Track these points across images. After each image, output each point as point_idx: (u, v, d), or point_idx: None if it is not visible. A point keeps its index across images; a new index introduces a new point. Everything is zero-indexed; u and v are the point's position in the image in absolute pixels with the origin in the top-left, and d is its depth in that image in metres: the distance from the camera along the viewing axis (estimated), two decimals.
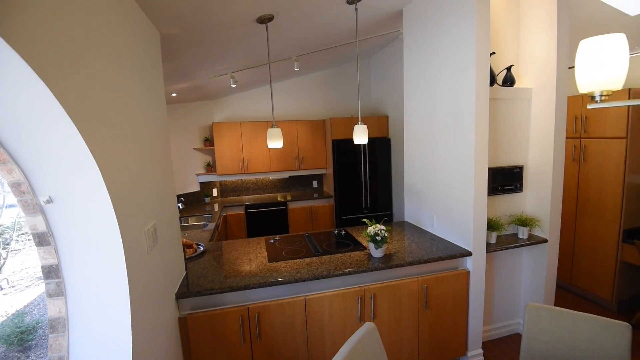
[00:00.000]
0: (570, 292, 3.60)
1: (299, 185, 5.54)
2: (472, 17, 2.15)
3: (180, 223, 4.04)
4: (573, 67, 1.40)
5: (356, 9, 2.54)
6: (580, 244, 3.37)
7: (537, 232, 2.67)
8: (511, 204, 2.73)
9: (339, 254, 2.41)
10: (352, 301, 2.16)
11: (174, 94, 4.21)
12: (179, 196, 4.59)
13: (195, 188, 4.95)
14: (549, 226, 2.59)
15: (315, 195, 5.13)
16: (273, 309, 2.04)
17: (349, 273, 2.13)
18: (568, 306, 3.33)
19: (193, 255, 2.54)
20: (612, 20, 3.02)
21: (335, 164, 4.77)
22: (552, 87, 2.49)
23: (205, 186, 5.05)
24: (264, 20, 2.39)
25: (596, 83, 0.90)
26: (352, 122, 4.78)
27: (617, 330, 1.47)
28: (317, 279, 2.08)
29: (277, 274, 2.10)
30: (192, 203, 4.88)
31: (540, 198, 2.62)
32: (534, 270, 2.72)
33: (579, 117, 3.29)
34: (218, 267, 2.29)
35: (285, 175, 5.32)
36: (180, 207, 4.21)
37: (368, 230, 2.33)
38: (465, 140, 2.31)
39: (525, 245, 2.56)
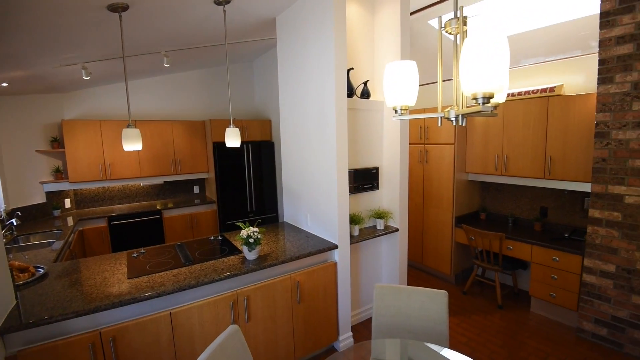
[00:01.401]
0: (422, 271, 4.33)
1: (178, 191, 5.14)
2: (331, 34, 2.39)
3: (17, 243, 3.29)
4: None
5: (224, 10, 2.52)
6: (428, 230, 4.09)
7: (391, 222, 3.12)
8: (370, 200, 3.12)
9: (212, 261, 2.34)
10: (224, 307, 2.12)
11: (4, 84, 3.39)
12: (14, 210, 3.71)
13: (40, 199, 4.08)
14: (399, 217, 3.06)
15: (197, 201, 4.84)
16: (132, 330, 1.85)
17: (220, 279, 2.09)
18: (420, 283, 4.00)
19: (29, 280, 2.09)
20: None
21: (218, 168, 4.60)
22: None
23: (54, 196, 4.20)
24: (117, 8, 2.15)
25: (396, 99, 1.12)
26: (236, 124, 4.71)
27: (438, 298, 1.84)
28: (184, 289, 1.97)
29: (136, 291, 1.90)
30: (35, 218, 4.00)
31: (392, 194, 3.08)
32: (391, 256, 3.17)
33: (423, 126, 3.99)
34: (62, 291, 1.94)
35: (160, 180, 4.85)
36: (15, 224, 3.40)
37: (241, 234, 2.33)
38: (329, 145, 2.54)
39: (382, 235, 2.97)
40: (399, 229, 3.08)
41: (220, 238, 2.85)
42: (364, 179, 2.98)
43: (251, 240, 2.30)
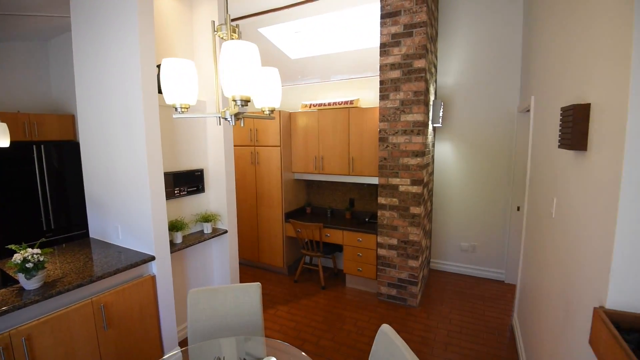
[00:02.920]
0: (259, 268, 4.48)
1: None
2: (135, 20, 2.16)
3: None
4: None
5: None
6: (262, 229, 4.26)
7: (220, 225, 3.09)
8: (197, 204, 3.01)
9: None
10: None
11: None
12: None
13: None
14: (228, 219, 3.07)
15: None
16: None
17: None
18: (256, 279, 4.13)
19: None
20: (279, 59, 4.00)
21: None
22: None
23: None
24: None
25: (174, 97, 1.11)
26: (17, 118, 3.63)
27: (251, 291, 1.92)
28: None
29: None
30: None
31: (219, 196, 3.05)
32: (221, 258, 3.14)
33: (253, 129, 4.13)
34: None
35: None
36: None
37: (14, 259, 1.82)
38: (138, 145, 2.29)
39: (210, 238, 2.90)
40: (228, 231, 3.08)
41: None
42: (187, 182, 2.84)
43: (29, 265, 1.82)
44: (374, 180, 3.70)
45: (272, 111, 1.20)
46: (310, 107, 4.17)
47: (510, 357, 2.62)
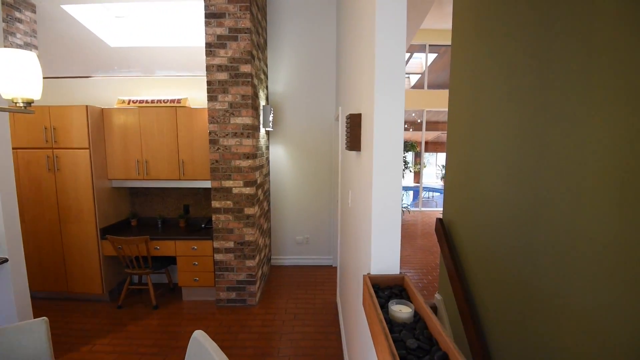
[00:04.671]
0: (69, 299, 3.62)
1: None
2: None
3: None
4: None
5: None
6: (69, 250, 3.46)
7: None
8: None
9: None
10: None
11: None
12: None
13: None
14: (8, 243, 2.35)
15: None
16: None
17: None
18: (64, 314, 3.33)
19: None
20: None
21: None
22: None
23: None
24: None
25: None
26: None
27: (33, 329, 1.53)
28: None
29: None
30: None
31: None
32: (2, 295, 2.37)
33: (49, 127, 3.30)
34: None
35: None
36: None
37: None
38: None
39: None
40: (9, 259, 2.35)
41: None
42: None
43: None
44: (209, 184, 3.58)
45: (28, 104, 0.97)
46: (129, 103, 3.66)
47: (335, 331, 3.03)
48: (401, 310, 1.09)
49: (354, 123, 1.66)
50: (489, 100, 2.25)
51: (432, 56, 8.88)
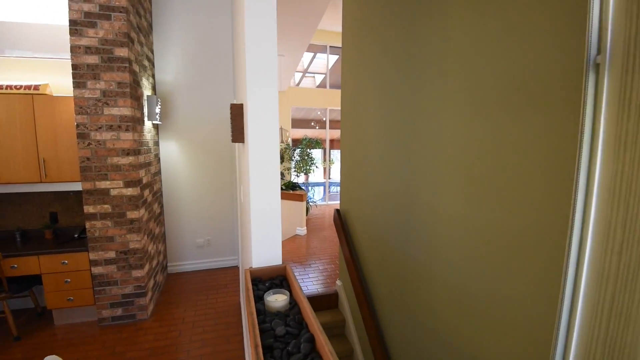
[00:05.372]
0: None
1: None
2: None
3: None
4: None
5: None
6: None
7: None
8: None
9: None
10: None
11: None
12: None
13: None
14: None
15: None
16: None
17: None
18: None
19: None
20: None
21: None
22: None
23: None
24: None
25: None
26: None
27: None
28: None
29: None
30: None
31: None
32: None
33: None
34: None
35: None
36: None
37: None
38: None
39: None
40: None
41: None
42: None
43: None
44: (80, 186, 3.05)
45: None
46: None
47: (237, 333, 2.91)
48: (277, 300, 1.07)
49: (237, 113, 1.59)
50: (368, 103, 2.42)
51: (334, 57, 9.31)
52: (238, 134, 1.61)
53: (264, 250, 1.29)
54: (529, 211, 1.07)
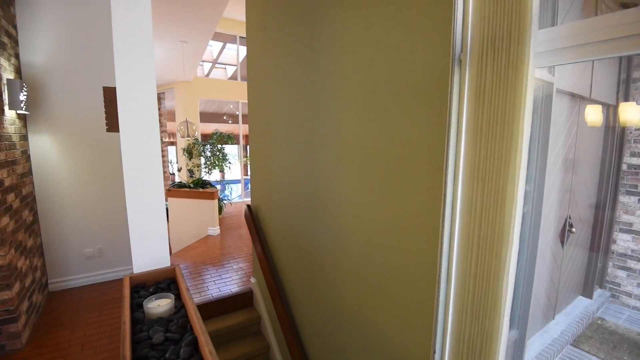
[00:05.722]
0: None
1: None
2: None
3: None
4: None
5: None
6: None
7: None
8: None
9: None
10: None
11: None
12: None
13: None
14: None
15: None
16: None
17: None
18: None
19: None
20: None
21: None
22: None
23: None
24: None
25: None
26: None
27: None
28: None
29: None
30: None
31: None
32: None
33: None
34: None
35: None
36: None
37: None
38: None
39: None
40: None
41: None
42: None
43: None
44: None
45: None
46: None
47: None
48: (159, 305, 0.95)
49: (111, 99, 1.38)
50: (273, 97, 2.38)
51: (245, 48, 9.01)
52: (112, 120, 1.40)
53: (146, 253, 1.14)
54: (415, 195, 1.16)
